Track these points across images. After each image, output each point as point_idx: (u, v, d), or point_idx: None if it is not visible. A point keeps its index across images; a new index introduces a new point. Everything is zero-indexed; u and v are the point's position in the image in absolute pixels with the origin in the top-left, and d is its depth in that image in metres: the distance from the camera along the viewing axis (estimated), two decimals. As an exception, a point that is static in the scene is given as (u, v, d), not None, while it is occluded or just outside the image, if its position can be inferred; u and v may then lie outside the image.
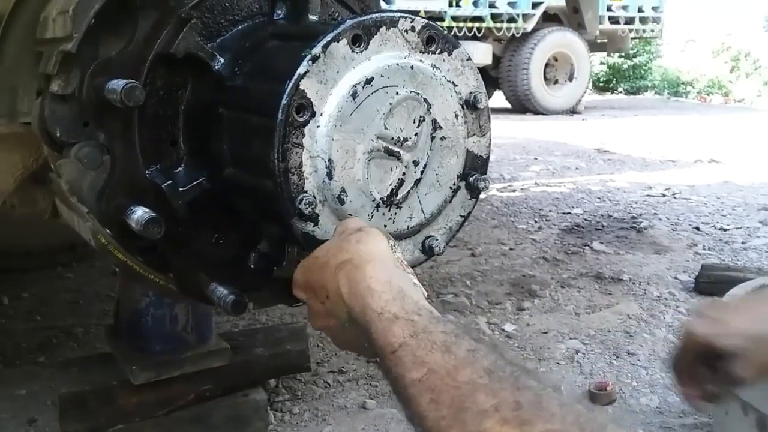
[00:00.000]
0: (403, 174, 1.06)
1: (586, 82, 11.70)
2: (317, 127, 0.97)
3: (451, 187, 1.12)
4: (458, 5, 9.97)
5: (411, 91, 1.03)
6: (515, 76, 10.67)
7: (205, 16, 1.15)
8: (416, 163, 1.07)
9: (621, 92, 16.61)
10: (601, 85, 16.95)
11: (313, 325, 0.96)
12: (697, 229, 3.84)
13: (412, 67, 1.03)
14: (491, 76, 10.77)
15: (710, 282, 2.81)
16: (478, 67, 1.14)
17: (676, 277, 3.04)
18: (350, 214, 1.01)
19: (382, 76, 1.00)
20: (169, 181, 1.13)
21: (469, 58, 1.11)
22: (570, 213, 4.23)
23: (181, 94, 1.16)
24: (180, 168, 1.16)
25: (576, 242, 3.57)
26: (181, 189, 1.13)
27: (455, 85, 1.09)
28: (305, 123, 0.96)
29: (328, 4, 1.29)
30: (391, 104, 1.02)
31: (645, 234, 3.72)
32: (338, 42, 0.97)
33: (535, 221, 4.03)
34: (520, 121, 9.61)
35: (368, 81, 0.99)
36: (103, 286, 2.72)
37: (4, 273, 2.71)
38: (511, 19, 10.36)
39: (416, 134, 1.05)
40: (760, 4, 18.63)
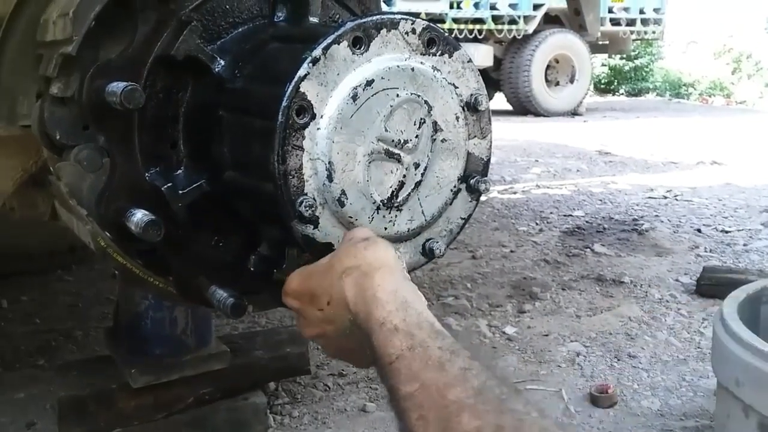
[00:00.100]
0: (404, 176, 1.05)
1: (588, 84, 11.71)
2: (317, 129, 0.97)
3: (451, 190, 1.11)
4: (459, 7, 9.98)
5: (411, 93, 1.03)
6: (516, 77, 10.67)
7: (206, 19, 1.15)
8: (417, 166, 1.06)
9: (622, 94, 16.61)
10: (603, 86, 16.96)
11: (305, 334, 0.97)
12: (699, 231, 3.84)
13: (413, 69, 1.03)
14: (492, 78, 10.77)
15: (712, 284, 2.80)
16: (479, 69, 1.13)
17: (677, 280, 3.03)
18: (350, 217, 1.01)
19: (382, 78, 1.00)
20: (169, 184, 1.13)
21: (470, 60, 1.10)
22: (571, 215, 4.22)
23: (181, 97, 1.15)
24: (180, 170, 1.16)
25: (577, 244, 3.57)
26: (180, 191, 1.13)
27: (456, 87, 1.08)
28: (305, 125, 0.96)
29: (328, 6, 1.29)
30: (391, 106, 1.01)
31: (646, 236, 3.71)
32: (339, 44, 0.97)
33: (536, 223, 4.02)
34: (521, 123, 9.61)
35: (369, 83, 0.99)
36: (102, 289, 2.72)
37: (3, 276, 2.71)
38: (512, 21, 10.37)
39: (417, 136, 1.05)
40: (762, 6, 18.62)
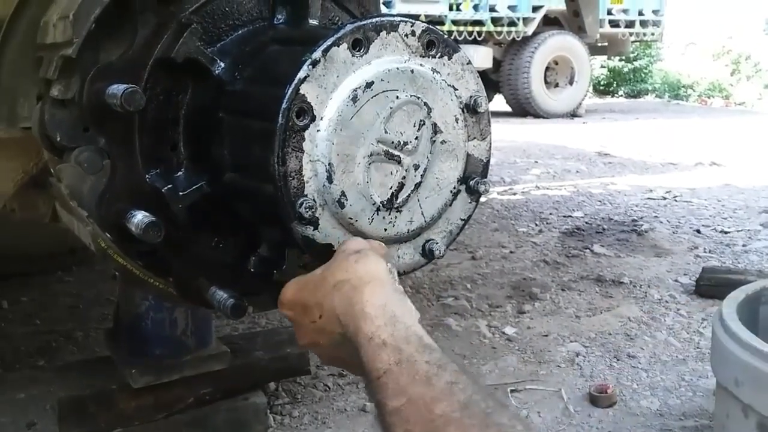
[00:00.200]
0: (404, 178, 1.06)
1: (587, 86, 11.72)
2: (317, 131, 0.97)
3: (451, 191, 1.12)
4: (459, 9, 9.99)
5: (411, 95, 1.03)
6: (516, 79, 10.68)
7: (205, 21, 1.15)
8: (416, 167, 1.07)
9: (621, 95, 16.62)
10: (602, 88, 16.97)
11: (300, 342, 0.97)
12: (698, 231, 3.84)
13: (413, 71, 1.03)
14: (492, 80, 10.79)
15: (711, 285, 2.81)
16: (479, 71, 1.14)
17: (676, 280, 3.04)
18: (350, 218, 1.02)
19: (382, 80, 1.00)
20: (169, 186, 1.13)
21: (470, 62, 1.11)
22: (570, 216, 4.23)
23: (182, 99, 1.16)
24: (180, 172, 1.16)
25: (576, 245, 3.57)
26: (181, 193, 1.13)
27: (455, 89, 1.09)
28: (305, 127, 0.96)
29: (328, 8, 1.30)
30: (391, 108, 1.02)
31: (646, 237, 3.72)
32: (338, 46, 0.97)
33: (536, 224, 4.03)
34: (521, 125, 9.62)
35: (368, 85, 0.99)
36: (102, 290, 2.72)
37: (4, 277, 2.72)
38: (512, 23, 10.38)
39: (416, 138, 1.05)
40: (761, 7, 18.65)
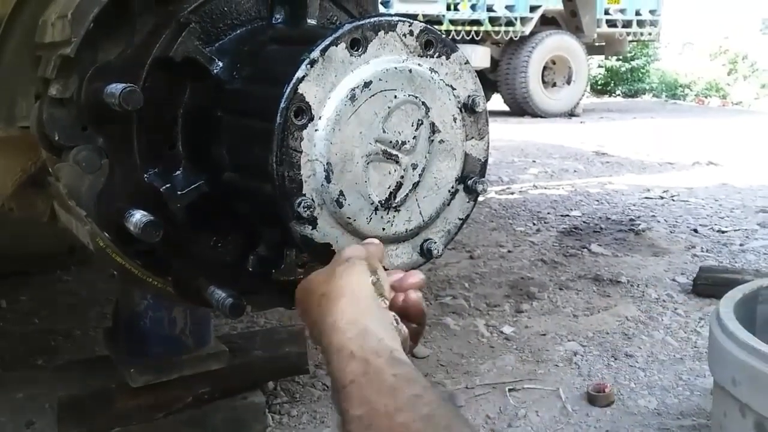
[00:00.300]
0: (402, 177, 1.06)
1: (584, 85, 11.73)
2: (315, 130, 0.97)
3: (449, 190, 1.12)
4: (456, 9, 9.99)
5: (409, 95, 1.03)
6: (513, 79, 10.69)
7: (204, 21, 1.15)
8: (414, 167, 1.07)
9: (619, 95, 16.64)
10: (599, 88, 16.99)
11: (311, 340, 0.98)
12: (695, 231, 3.85)
13: (411, 71, 1.03)
14: (489, 80, 10.79)
15: (708, 284, 2.81)
16: (477, 71, 1.14)
17: (674, 279, 3.04)
18: (349, 217, 1.02)
19: (380, 79, 1.00)
20: (168, 185, 1.13)
21: (467, 62, 1.11)
22: (568, 215, 4.24)
23: (180, 98, 1.16)
24: (178, 171, 1.16)
25: (574, 244, 3.58)
26: (179, 192, 1.14)
27: (453, 89, 1.09)
28: (303, 126, 0.97)
29: (326, 8, 1.30)
30: (389, 108, 1.02)
31: (643, 236, 3.72)
32: (337, 46, 0.98)
33: (534, 224, 4.03)
34: (518, 124, 9.62)
35: (366, 85, 0.99)
36: (101, 290, 2.71)
37: (2, 276, 2.71)
38: (509, 23, 10.39)
39: (414, 137, 1.05)
40: (758, 7, 18.68)
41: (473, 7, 10.09)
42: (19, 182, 1.54)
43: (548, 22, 10.92)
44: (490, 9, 10.24)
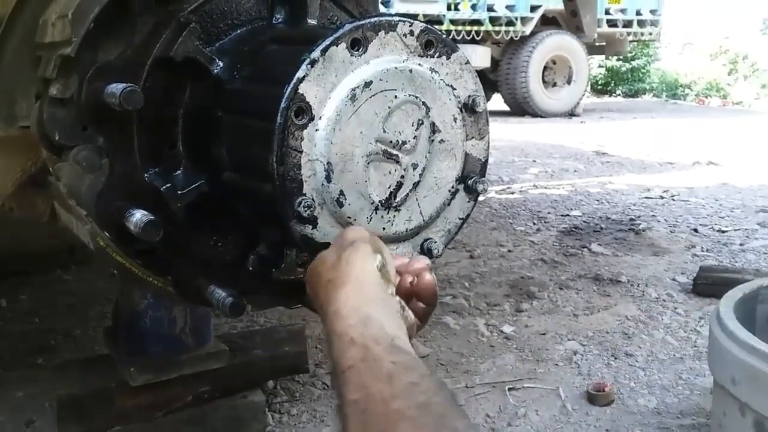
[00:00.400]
0: (402, 177, 1.06)
1: (585, 85, 11.73)
2: (316, 130, 0.97)
3: (449, 190, 1.12)
4: (457, 9, 9.99)
5: (410, 95, 1.04)
6: (514, 79, 10.69)
7: (204, 21, 1.15)
8: (415, 166, 1.07)
9: (619, 95, 16.64)
10: (600, 87, 16.99)
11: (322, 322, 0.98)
12: (696, 230, 3.85)
13: (411, 71, 1.03)
14: (490, 79, 10.79)
15: (708, 284, 2.81)
16: (477, 71, 1.14)
17: (674, 279, 3.04)
18: (349, 217, 1.02)
19: (380, 79, 1.00)
20: (168, 184, 1.13)
21: (468, 62, 1.11)
22: (568, 215, 4.24)
23: (180, 98, 1.16)
24: (179, 171, 1.16)
25: (574, 244, 3.58)
26: (179, 192, 1.14)
27: (454, 89, 1.09)
28: (304, 126, 0.97)
29: (326, 8, 1.30)
30: (389, 108, 1.02)
31: (643, 236, 3.72)
32: (337, 46, 0.98)
33: (534, 223, 4.03)
34: (519, 124, 9.62)
35: (367, 84, 0.99)
36: (101, 289, 2.72)
37: (2, 276, 2.71)
38: (510, 23, 10.39)
39: (415, 137, 1.06)
40: (758, 7, 18.68)
41: (474, 7, 10.09)
42: (20, 182, 1.54)
43: (549, 22, 10.92)
44: (490, 9, 10.24)
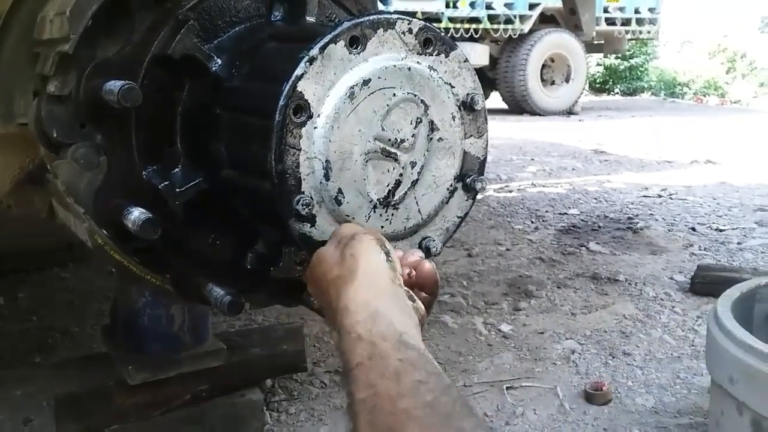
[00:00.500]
0: (400, 175, 1.06)
1: (583, 84, 11.74)
2: (314, 128, 0.97)
3: (448, 188, 1.12)
4: (455, 7, 9.98)
5: (408, 93, 1.03)
6: (512, 77, 10.69)
7: (203, 18, 1.15)
8: (413, 164, 1.07)
9: (617, 93, 16.65)
10: (598, 86, 17.00)
11: (326, 323, 0.98)
12: (693, 229, 3.86)
13: (410, 69, 1.03)
14: (488, 77, 10.79)
15: (706, 282, 2.82)
16: (475, 69, 1.14)
17: (672, 278, 3.05)
18: (347, 215, 1.02)
19: (379, 77, 1.00)
20: (166, 182, 1.13)
21: (466, 60, 1.11)
22: (566, 214, 4.24)
23: (179, 95, 1.16)
24: (177, 169, 1.16)
25: (572, 243, 3.58)
26: (178, 190, 1.13)
27: (452, 87, 1.09)
28: (302, 124, 0.96)
29: (325, 5, 1.30)
30: (388, 106, 1.02)
31: (641, 234, 3.73)
32: (336, 44, 0.97)
33: (532, 222, 4.04)
34: (517, 122, 9.63)
35: (365, 82, 0.99)
36: (99, 287, 2.71)
37: (0, 274, 2.71)
38: (508, 21, 10.38)
39: (413, 135, 1.05)
40: (756, 6, 18.70)
41: (472, 5, 10.08)
42: (17, 179, 1.54)
43: (547, 20, 10.92)
44: (489, 7, 10.24)
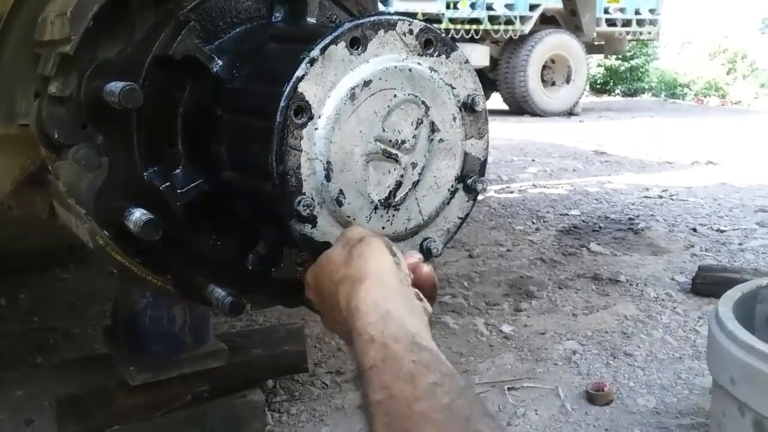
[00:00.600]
0: (401, 176, 1.06)
1: (584, 84, 11.74)
2: (315, 129, 0.97)
3: (449, 189, 1.12)
4: (456, 7, 9.99)
5: (409, 94, 1.03)
6: (513, 78, 10.69)
7: (203, 19, 1.15)
8: (414, 166, 1.07)
9: (618, 94, 16.65)
10: (599, 87, 17.00)
11: (325, 326, 0.98)
12: (694, 230, 3.86)
13: (410, 70, 1.03)
14: (489, 78, 10.79)
15: (707, 283, 2.82)
16: (476, 70, 1.14)
17: (673, 279, 3.05)
18: (348, 216, 1.02)
19: (380, 78, 1.00)
20: (168, 183, 1.13)
21: (467, 61, 1.11)
22: (567, 214, 4.24)
23: (180, 96, 1.15)
24: (178, 170, 1.16)
25: (573, 243, 3.58)
26: (179, 191, 1.13)
27: (453, 88, 1.09)
28: (303, 125, 0.96)
29: (326, 6, 1.30)
30: (389, 107, 1.02)
31: (642, 235, 3.73)
32: (336, 45, 0.98)
33: (533, 223, 4.04)
34: (518, 123, 9.63)
35: (366, 83, 0.99)
36: (100, 288, 2.71)
37: (1, 274, 2.71)
38: (509, 22, 10.39)
39: (414, 137, 1.05)
40: (757, 7, 18.70)
41: (473, 6, 10.09)
42: (19, 180, 1.54)
43: (548, 20, 10.93)
44: (489, 8, 10.24)
